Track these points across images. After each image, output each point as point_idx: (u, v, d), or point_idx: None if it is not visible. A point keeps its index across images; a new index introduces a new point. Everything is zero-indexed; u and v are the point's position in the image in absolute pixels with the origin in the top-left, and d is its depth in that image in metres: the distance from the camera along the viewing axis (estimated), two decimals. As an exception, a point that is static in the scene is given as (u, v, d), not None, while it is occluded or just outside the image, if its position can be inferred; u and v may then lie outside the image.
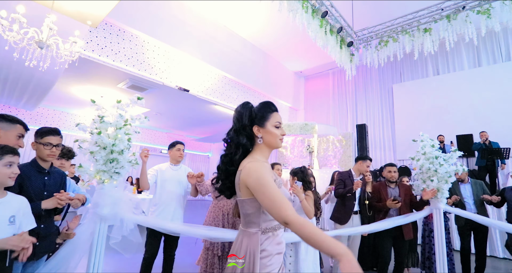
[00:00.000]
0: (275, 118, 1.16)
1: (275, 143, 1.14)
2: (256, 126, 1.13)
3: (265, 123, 1.13)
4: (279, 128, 1.15)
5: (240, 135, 1.13)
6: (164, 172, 2.63)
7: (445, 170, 2.61)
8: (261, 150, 1.14)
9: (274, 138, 1.13)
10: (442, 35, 5.03)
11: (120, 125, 2.06)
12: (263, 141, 1.13)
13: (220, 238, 2.08)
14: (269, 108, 1.17)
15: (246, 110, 1.16)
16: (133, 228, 1.96)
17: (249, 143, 1.14)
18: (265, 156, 1.15)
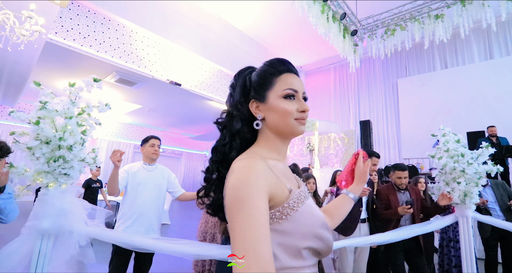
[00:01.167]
0: (286, 83, 0.67)
1: (286, 125, 0.65)
2: (253, 102, 0.69)
3: (267, 94, 0.67)
4: (293, 100, 0.66)
5: (234, 118, 0.69)
6: (136, 173, 2.14)
7: (474, 170, 2.18)
8: (266, 141, 0.68)
9: (284, 117, 0.65)
10: (456, 21, 4.58)
11: (70, 114, 1.61)
12: (267, 124, 0.68)
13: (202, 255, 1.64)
14: (273, 69, 0.69)
15: (240, 79, 0.72)
16: (85, 245, 1.52)
17: (248, 129, 0.70)
18: (276, 149, 0.69)
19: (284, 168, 0.68)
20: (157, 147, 2.23)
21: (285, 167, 0.69)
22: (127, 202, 2.09)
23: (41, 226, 1.42)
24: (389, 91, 8.28)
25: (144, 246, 1.58)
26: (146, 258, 2.11)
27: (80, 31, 4.93)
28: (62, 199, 1.50)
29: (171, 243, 1.60)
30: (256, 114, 0.68)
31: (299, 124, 0.66)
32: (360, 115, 8.61)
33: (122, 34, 5.52)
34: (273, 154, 0.68)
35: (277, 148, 0.69)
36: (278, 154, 0.69)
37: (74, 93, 1.68)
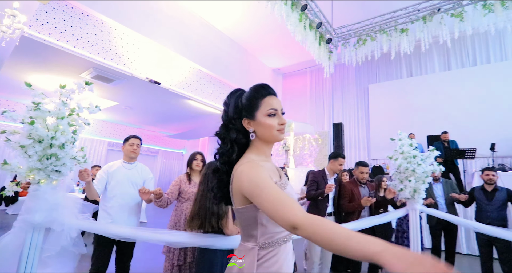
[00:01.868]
0: (268, 104, 0.93)
1: (271, 136, 0.92)
2: (245, 120, 0.95)
3: (255, 114, 0.93)
4: (275, 117, 0.93)
5: (230, 130, 0.96)
6: (115, 171, 2.27)
7: (422, 169, 2.54)
8: (257, 147, 0.96)
9: (269, 130, 0.92)
10: (418, 36, 5.08)
11: (62, 114, 1.72)
12: (257, 136, 0.94)
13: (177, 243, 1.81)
14: (257, 94, 0.94)
15: (233, 100, 0.98)
16: (76, 236, 1.64)
17: (242, 136, 0.96)
18: (264, 153, 0.96)
19: (271, 166, 0.96)
20: (136, 146, 2.35)
21: (271, 165, 0.97)
22: (106, 198, 2.22)
23: (33, 219, 1.53)
24: (360, 96, 8.82)
25: (129, 236, 1.73)
26: (127, 249, 2.24)
27: (56, 25, 4.82)
28: (54, 194, 1.61)
29: (155, 233, 1.76)
30: (248, 129, 0.95)
31: (280, 134, 0.93)
32: (333, 118, 9.08)
33: (101, 31, 5.45)
34: (262, 156, 0.95)
35: (264, 152, 0.96)
36: (265, 156, 0.97)
37: (65, 94, 1.78)
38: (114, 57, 5.61)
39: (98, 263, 2.10)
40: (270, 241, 0.87)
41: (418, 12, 5.08)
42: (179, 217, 2.34)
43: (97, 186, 2.15)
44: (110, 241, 2.09)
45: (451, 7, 4.84)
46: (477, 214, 3.23)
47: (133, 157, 2.36)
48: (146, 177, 2.42)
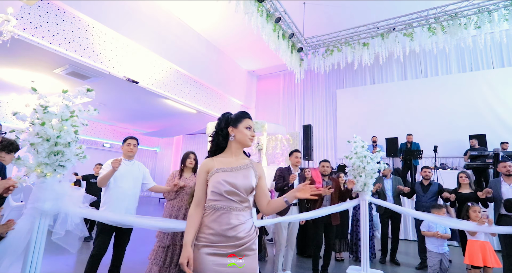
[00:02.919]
0: (247, 122, 1.44)
1: (245, 141, 1.42)
2: (230, 127, 1.43)
3: (238, 125, 1.42)
4: (249, 130, 1.44)
5: (219, 136, 1.46)
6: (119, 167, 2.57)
7: (371, 167, 3.09)
8: (230, 147, 1.45)
9: (244, 136, 1.41)
10: (377, 50, 5.77)
11: (66, 116, 1.98)
12: (235, 138, 1.42)
13: (172, 229, 2.15)
14: (243, 115, 1.46)
15: (225, 117, 1.48)
16: (79, 222, 1.91)
17: (224, 142, 1.46)
18: (231, 151, 1.44)
19: (228, 160, 1.42)
20: (132, 146, 2.66)
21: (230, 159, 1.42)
22: (110, 190, 2.50)
23: (43, 207, 1.78)
24: (329, 99, 9.51)
25: (127, 222, 2.03)
26: (125, 234, 2.55)
27: (32, 20, 4.78)
28: (60, 185, 1.86)
29: (149, 219, 2.08)
30: (231, 133, 1.44)
31: (250, 141, 1.43)
32: (304, 119, 9.69)
33: (78, 28, 5.45)
34: (227, 153, 1.45)
35: (232, 151, 1.45)
36: (231, 153, 1.45)
37: (67, 98, 2.03)
38: (91, 54, 5.63)
39: (100, 246, 2.39)
40: (208, 205, 1.34)
41: (377, 29, 5.76)
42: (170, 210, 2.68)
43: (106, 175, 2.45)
44: (111, 228, 2.38)
45: (404, 28, 5.57)
46: (416, 203, 3.91)
47: (130, 155, 2.67)
48: (144, 171, 2.78)
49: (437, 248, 3.00)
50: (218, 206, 1.30)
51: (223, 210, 1.29)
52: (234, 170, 1.37)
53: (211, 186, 1.33)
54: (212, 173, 1.34)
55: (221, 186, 1.30)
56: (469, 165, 5.54)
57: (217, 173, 1.33)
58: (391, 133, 7.72)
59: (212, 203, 1.31)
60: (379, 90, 8.64)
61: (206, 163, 1.40)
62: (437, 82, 7.79)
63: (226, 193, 1.30)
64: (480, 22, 4.76)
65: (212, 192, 1.32)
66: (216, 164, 1.38)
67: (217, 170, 1.35)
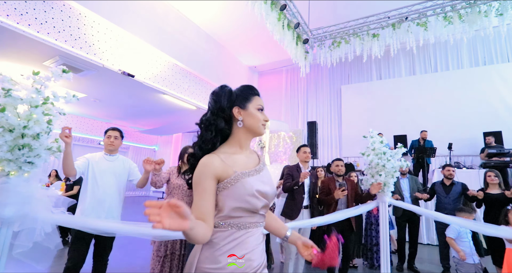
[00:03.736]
0: (258, 101, 1.04)
1: (257, 128, 1.01)
2: (236, 108, 1.00)
3: (247, 105, 1.01)
4: (262, 112, 1.03)
5: (218, 118, 0.99)
6: (98, 162, 2.20)
7: (391, 165, 2.74)
8: (237, 137, 1.02)
9: (256, 121, 1.00)
10: (388, 41, 5.41)
11: (36, 103, 1.62)
12: (244, 124, 1.00)
13: (165, 236, 1.80)
14: (251, 91, 1.05)
15: (225, 91, 1.02)
16: (51, 231, 1.56)
17: (228, 128, 1.01)
18: (240, 143, 1.02)
19: (240, 157, 1.00)
20: (113, 138, 2.29)
21: (241, 157, 1.01)
22: (87, 190, 2.12)
23: (3, 214, 1.43)
24: (333, 95, 9.17)
25: (109, 229, 1.68)
26: (106, 243, 2.17)
27: (16, 6, 4.42)
28: (26, 186, 1.51)
29: (136, 226, 1.72)
30: (237, 117, 1.00)
31: (263, 128, 1.02)
32: (307, 116, 9.34)
33: (69, 16, 5.09)
34: (236, 148, 1.01)
35: (240, 143, 1.02)
36: (240, 147, 1.02)
37: (39, 82, 1.68)
38: (83, 46, 5.28)
39: (75, 257, 2.00)
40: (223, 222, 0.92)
41: (388, 19, 5.41)
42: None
43: (77, 165, 2.07)
44: (89, 234, 2.01)
45: (417, 17, 5.22)
46: (437, 205, 3.56)
47: (111, 149, 2.29)
48: (130, 166, 2.39)
49: (471, 257, 2.64)
50: (242, 223, 0.92)
51: (250, 229, 0.93)
52: (257, 171, 0.98)
53: (236, 198, 0.91)
54: (234, 178, 0.91)
55: (257, 201, 0.92)
56: (486, 163, 5.20)
57: (244, 179, 0.92)
58: (399, 131, 7.38)
59: (233, 221, 0.92)
60: (386, 86, 8.30)
61: (212, 162, 0.92)
62: (448, 77, 7.44)
63: (262, 209, 0.96)
64: (502, 8, 4.40)
65: (239, 208, 0.91)
66: (230, 163, 0.94)
67: (241, 174, 0.93)
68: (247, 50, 9.26)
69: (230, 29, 7.95)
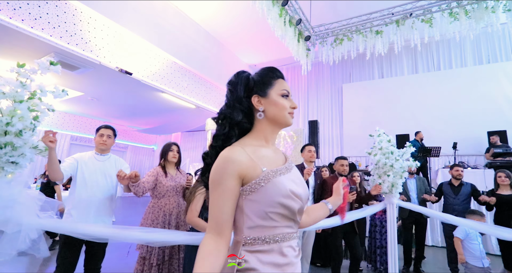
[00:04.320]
0: (282, 85, 0.88)
1: (283, 117, 0.85)
2: (255, 96, 0.87)
3: (268, 92, 0.86)
4: (287, 99, 0.87)
5: (235, 110, 0.85)
6: (87, 162, 2.06)
7: (400, 165, 2.62)
8: (261, 129, 0.86)
9: (281, 110, 0.84)
10: (392, 38, 5.28)
11: (20, 97, 1.49)
12: (266, 115, 0.85)
13: (159, 242, 1.66)
14: (273, 73, 0.89)
15: (242, 78, 0.90)
16: (37, 237, 1.43)
17: (247, 121, 0.87)
18: (266, 137, 0.87)
19: (267, 152, 0.84)
20: (106, 137, 2.15)
21: (269, 152, 0.84)
22: (75, 191, 1.99)
23: (-17, 219, 1.30)
24: (335, 94, 9.04)
25: (101, 235, 1.55)
26: (98, 249, 2.03)
27: (9, 1, 4.28)
28: (9, 189, 1.38)
29: (131, 231, 1.59)
30: (257, 107, 0.85)
31: (290, 117, 0.85)
32: (308, 115, 9.22)
33: (64, 12, 4.95)
34: (260, 141, 0.85)
35: (266, 136, 0.87)
36: (266, 141, 0.87)
37: (24, 75, 1.55)
38: (79, 42, 5.14)
39: (65, 265, 1.86)
40: (258, 236, 0.75)
41: (392, 15, 5.29)
42: (157, 215, 2.17)
43: (64, 168, 1.92)
44: (79, 240, 1.86)
45: (422, 13, 5.09)
46: (444, 206, 3.44)
47: (103, 148, 2.16)
48: (122, 166, 2.24)
49: (479, 261, 2.52)
50: (280, 236, 0.76)
51: (289, 241, 0.78)
52: (288, 170, 0.81)
53: (268, 202, 0.74)
54: (264, 178, 0.75)
55: (293, 202, 0.76)
56: (491, 163, 5.09)
57: (276, 179, 0.76)
58: (401, 130, 7.26)
59: (269, 233, 0.75)
60: (388, 85, 8.18)
61: (237, 156, 0.75)
62: (451, 76, 7.33)
63: (299, 214, 0.80)
64: (510, 4, 4.28)
65: (274, 213, 0.75)
66: (257, 160, 0.78)
67: (273, 172, 0.77)
68: (247, 48, 9.13)
69: (230, 26, 7.81)
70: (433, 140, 6.53)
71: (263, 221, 0.75)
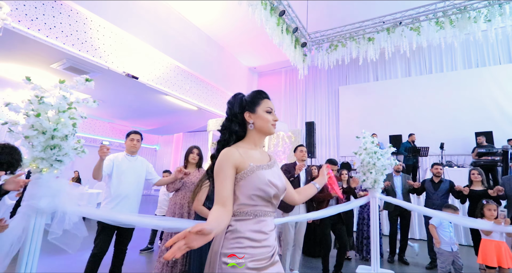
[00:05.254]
0: (267, 104, 1.19)
1: (267, 128, 1.17)
2: (247, 113, 1.17)
3: (256, 109, 1.17)
4: (270, 114, 1.19)
5: (232, 123, 1.18)
6: (121, 162, 2.47)
7: (381, 163, 2.97)
8: (251, 137, 1.18)
9: (266, 123, 1.16)
10: (383, 45, 5.63)
11: (63, 108, 1.84)
12: (255, 126, 1.17)
13: (174, 228, 2.02)
14: (259, 95, 1.20)
15: (237, 99, 1.20)
16: (78, 221, 1.78)
17: (242, 130, 1.18)
18: (254, 142, 1.19)
19: (255, 153, 1.17)
20: (136, 141, 2.54)
21: (256, 153, 1.18)
22: (112, 186, 2.38)
23: (38, 205, 1.65)
24: (331, 96, 9.39)
25: (129, 222, 1.90)
26: (127, 233, 2.43)
27: (27, 12, 4.62)
28: (57, 182, 1.73)
29: (152, 219, 1.95)
30: (248, 120, 1.18)
31: (273, 127, 1.19)
32: (306, 117, 9.57)
33: (76, 21, 5.30)
34: (251, 145, 1.18)
35: (255, 141, 1.20)
36: (254, 145, 1.20)
37: (64, 89, 1.90)
38: (89, 49, 5.48)
39: (101, 245, 2.27)
40: (243, 211, 1.05)
41: (383, 24, 5.63)
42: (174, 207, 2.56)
43: (104, 169, 2.30)
44: (112, 227, 2.27)
45: (410, 22, 5.44)
46: (426, 201, 3.79)
47: (133, 151, 2.55)
48: (148, 166, 2.66)
49: (449, 246, 2.88)
50: (259, 212, 1.07)
51: (265, 217, 1.08)
52: (269, 166, 1.15)
53: (252, 187, 1.06)
54: (250, 170, 1.07)
55: (270, 189, 1.07)
56: (476, 162, 5.44)
57: (258, 171, 1.08)
58: (395, 131, 7.62)
59: (251, 209, 1.06)
60: (382, 87, 8.52)
61: (232, 153, 1.08)
62: (442, 79, 7.68)
63: (274, 198, 1.10)
64: (490, 15, 4.62)
65: (255, 195, 1.06)
66: (246, 157, 1.10)
67: (256, 167, 1.09)
68: (247, 52, 9.47)
69: (231, 31, 8.15)
70: (423, 140, 6.87)
71: (247, 200, 1.06)
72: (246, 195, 1.06)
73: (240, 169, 1.08)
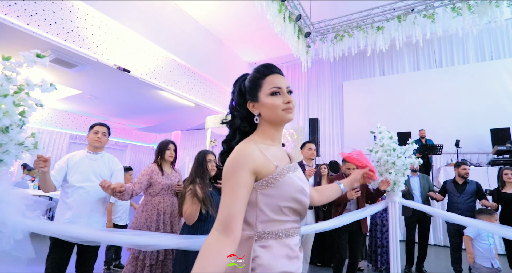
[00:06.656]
0: (270, 83, 0.85)
1: (277, 116, 0.83)
2: (250, 103, 0.88)
3: (258, 95, 0.85)
4: (278, 95, 0.83)
5: (235, 118, 0.91)
6: (78, 162, 1.98)
7: (402, 162, 2.55)
8: (264, 130, 0.87)
9: (273, 110, 0.83)
10: (393, 34, 5.20)
11: (5, 91, 1.42)
12: (262, 117, 0.86)
13: (151, 246, 1.59)
14: (259, 73, 0.87)
15: (237, 86, 0.93)
16: (23, 238, 1.37)
17: (246, 125, 0.90)
18: (270, 137, 0.87)
19: (276, 150, 0.86)
20: (101, 134, 2.08)
21: (277, 150, 0.87)
22: (66, 192, 1.92)
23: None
24: (335, 92, 8.96)
25: (88, 238, 1.48)
26: (90, 251, 1.95)
27: (5, -3, 4.21)
28: (-7, 187, 1.32)
29: (124, 234, 1.53)
30: (253, 112, 0.87)
31: (286, 113, 0.83)
32: (309, 113, 9.15)
33: (61, 9, 4.88)
34: (267, 140, 0.86)
35: (271, 135, 0.87)
36: (272, 140, 0.87)
37: (9, 68, 1.48)
38: (76, 39, 5.07)
39: (54, 267, 1.80)
40: (271, 230, 0.76)
41: (394, 11, 5.20)
42: (150, 213, 2.10)
43: (55, 177, 1.85)
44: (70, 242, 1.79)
45: (424, 8, 5.01)
46: (448, 205, 3.36)
47: (97, 146, 2.08)
48: (114, 168, 2.15)
49: (488, 261, 2.44)
50: (290, 231, 0.79)
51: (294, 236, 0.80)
52: (296, 168, 0.85)
53: (283, 196, 0.76)
54: (279, 173, 0.77)
55: (305, 198, 0.81)
56: (495, 160, 5.01)
57: (289, 174, 0.79)
58: (403, 128, 7.18)
59: (281, 227, 0.77)
60: (389, 82, 8.09)
61: (252, 151, 0.76)
62: (453, 73, 7.24)
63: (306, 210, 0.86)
64: (514, -2, 4.20)
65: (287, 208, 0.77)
66: (270, 155, 0.80)
67: (285, 169, 0.79)
68: (247, 46, 9.05)
69: (230, 24, 7.74)
70: (434, 138, 6.44)
71: (276, 215, 0.76)
72: (274, 207, 0.77)
73: (263, 172, 0.77)
